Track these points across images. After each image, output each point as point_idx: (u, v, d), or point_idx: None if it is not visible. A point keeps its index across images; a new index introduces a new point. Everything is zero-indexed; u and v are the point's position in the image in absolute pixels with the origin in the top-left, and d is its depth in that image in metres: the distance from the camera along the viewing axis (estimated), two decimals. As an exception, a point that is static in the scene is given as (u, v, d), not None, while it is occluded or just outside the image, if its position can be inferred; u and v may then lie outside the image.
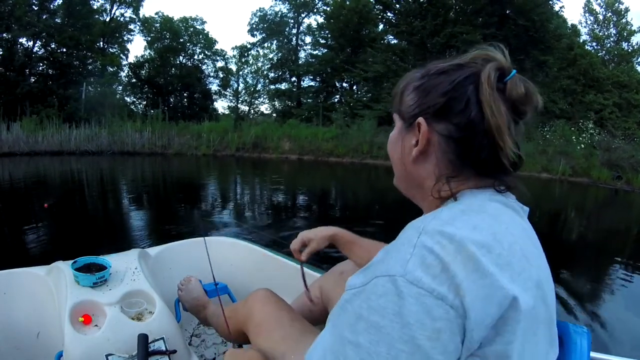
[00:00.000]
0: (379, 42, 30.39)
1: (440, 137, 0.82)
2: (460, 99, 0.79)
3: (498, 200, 0.81)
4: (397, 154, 0.94)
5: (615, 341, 3.51)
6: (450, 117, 0.81)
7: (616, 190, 14.77)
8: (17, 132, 19.66)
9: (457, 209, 0.76)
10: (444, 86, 0.82)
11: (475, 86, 0.79)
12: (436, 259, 0.65)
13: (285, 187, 12.78)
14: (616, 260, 6.11)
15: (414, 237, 0.69)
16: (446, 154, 0.83)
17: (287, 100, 37.46)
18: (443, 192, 0.83)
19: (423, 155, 0.86)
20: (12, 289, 1.82)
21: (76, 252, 1.95)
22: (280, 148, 22.76)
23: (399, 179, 0.97)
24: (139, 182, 13.44)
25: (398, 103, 0.93)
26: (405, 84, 0.92)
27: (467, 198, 0.81)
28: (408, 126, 0.88)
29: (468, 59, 0.85)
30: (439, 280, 0.63)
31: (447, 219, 0.72)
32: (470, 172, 0.83)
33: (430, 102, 0.83)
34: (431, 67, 0.88)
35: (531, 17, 24.72)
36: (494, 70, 0.79)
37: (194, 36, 38.86)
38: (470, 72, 0.81)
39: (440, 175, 0.84)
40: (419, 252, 0.66)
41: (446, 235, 0.67)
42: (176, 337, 1.61)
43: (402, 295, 0.63)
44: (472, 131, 0.79)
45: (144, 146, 22.31)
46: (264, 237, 6.09)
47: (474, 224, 0.71)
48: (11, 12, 27.21)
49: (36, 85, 28.44)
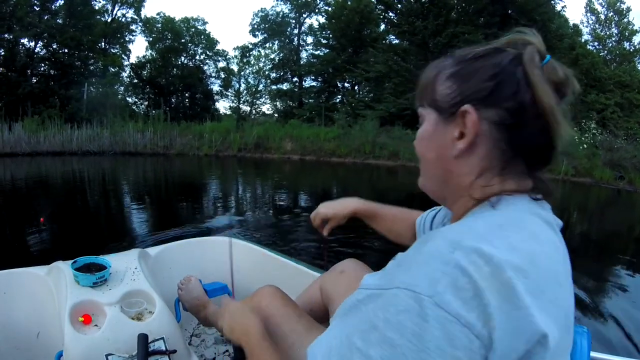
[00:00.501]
0: (380, 42, 30.37)
1: (491, 124, 0.75)
2: (511, 82, 0.74)
3: (537, 214, 0.76)
4: (432, 151, 0.85)
5: (615, 341, 3.51)
6: (500, 102, 0.74)
7: (619, 191, 14.75)
8: (19, 133, 19.69)
9: (495, 223, 0.70)
10: (489, 69, 0.76)
11: (523, 68, 0.74)
12: (469, 282, 0.59)
13: (286, 188, 12.79)
14: (618, 260, 6.10)
15: (447, 252, 0.63)
16: (498, 143, 0.76)
17: (288, 100, 37.50)
18: (488, 189, 0.77)
19: (470, 147, 0.78)
20: (12, 289, 1.82)
21: (76, 252, 1.95)
22: (282, 148, 22.78)
23: (430, 179, 0.89)
24: (140, 182, 13.46)
25: (429, 94, 0.85)
26: (436, 72, 0.85)
27: (505, 207, 0.75)
28: (448, 117, 0.80)
29: (504, 42, 0.80)
30: (469, 306, 0.58)
31: (485, 234, 0.66)
32: (518, 165, 0.77)
33: (475, 88, 0.76)
34: (463, 53, 0.83)
35: (533, 17, 24.67)
36: (535, 52, 0.75)
37: (195, 36, 38.97)
38: (513, 55, 0.76)
39: (488, 169, 0.77)
40: (452, 272, 0.60)
41: (483, 255, 0.61)
42: (176, 337, 1.61)
43: (426, 318, 0.58)
44: (524, 115, 0.74)
45: (146, 146, 22.33)
46: (265, 237, 6.10)
47: (513, 244, 0.65)
48: (13, 13, 27.27)
49: (38, 86, 28.50)
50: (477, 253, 0.61)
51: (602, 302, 4.39)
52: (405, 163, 19.32)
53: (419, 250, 0.67)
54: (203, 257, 2.47)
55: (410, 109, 23.80)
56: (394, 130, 22.05)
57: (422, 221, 1.40)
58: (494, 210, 0.74)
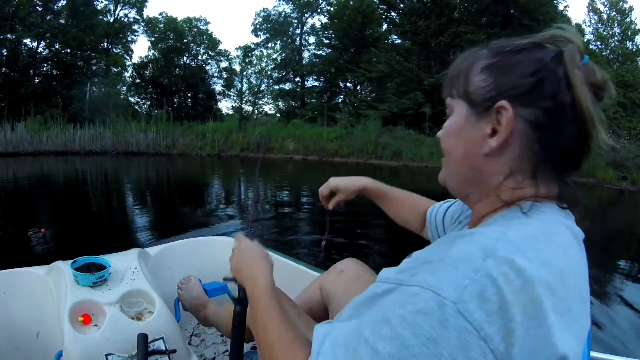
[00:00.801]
0: (383, 42, 30.35)
1: (526, 124, 0.71)
2: (553, 80, 0.70)
3: (567, 225, 0.73)
4: (460, 147, 0.79)
5: (615, 341, 3.50)
6: (538, 101, 0.70)
7: (622, 191, 14.71)
8: (22, 133, 19.75)
9: (530, 233, 0.66)
10: (530, 65, 0.71)
11: (564, 68, 0.71)
12: (498, 294, 0.57)
13: (289, 188, 12.78)
14: (619, 260, 6.08)
15: (478, 258, 0.60)
16: (531, 145, 0.72)
17: (291, 100, 37.49)
18: (518, 192, 0.73)
19: (502, 146, 0.73)
20: (12, 289, 1.82)
21: (76, 252, 1.95)
22: (285, 148, 22.81)
23: (454, 176, 0.84)
24: (142, 182, 13.48)
25: (462, 85, 0.79)
26: (471, 62, 0.79)
27: (537, 215, 0.71)
28: (481, 111, 0.75)
29: (544, 37, 0.75)
30: (492, 319, 0.56)
31: (519, 245, 0.62)
32: (548, 170, 0.73)
33: (513, 83, 0.72)
34: (502, 44, 0.77)
35: (536, 17, 24.66)
36: (577, 52, 0.72)
37: (198, 37, 39.02)
38: (555, 53, 0.72)
39: (518, 171, 0.73)
40: (481, 281, 0.57)
41: (516, 268, 0.59)
42: (176, 337, 1.60)
43: (445, 325, 0.56)
44: (561, 117, 0.70)
45: (149, 146, 22.38)
46: (265, 237, 6.10)
47: (546, 258, 0.63)
48: (15, 13, 27.36)
49: (40, 86, 28.62)
50: (510, 265, 0.59)
51: (603, 302, 4.38)
52: (408, 163, 19.33)
53: (446, 252, 0.64)
54: (203, 257, 2.46)
55: (413, 109, 23.80)
56: (396, 131, 22.08)
57: (435, 212, 1.39)
58: (526, 218, 0.70)
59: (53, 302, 1.74)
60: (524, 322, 0.56)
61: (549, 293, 0.59)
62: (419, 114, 23.50)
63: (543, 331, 0.58)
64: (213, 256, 2.50)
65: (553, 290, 0.60)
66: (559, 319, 0.60)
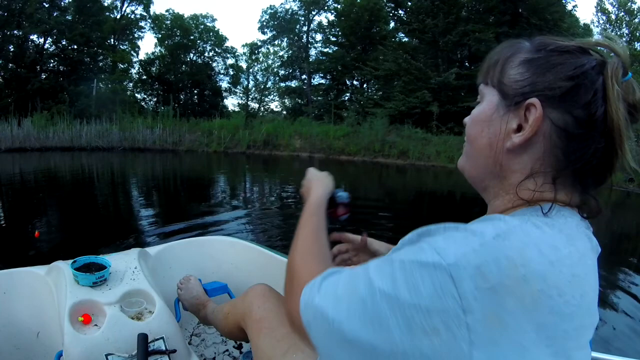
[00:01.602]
0: (389, 40, 30.26)
1: (553, 127, 0.69)
2: (589, 89, 0.68)
3: (587, 235, 0.72)
4: (485, 136, 0.78)
5: (616, 341, 3.49)
6: (571, 107, 0.68)
7: (628, 193, 14.63)
8: (28, 128, 19.85)
9: (548, 230, 0.65)
10: (570, 68, 0.69)
11: (603, 79, 0.68)
12: (495, 273, 0.57)
13: (293, 186, 12.76)
14: (623, 261, 6.06)
15: (489, 235, 0.60)
16: (554, 149, 0.70)
17: (297, 98, 37.47)
18: (539, 194, 0.71)
19: (525, 144, 0.72)
20: (12, 289, 1.82)
21: (76, 251, 1.96)
22: (291, 146, 22.80)
23: (475, 165, 0.82)
24: (147, 179, 13.50)
25: (498, 74, 0.77)
26: (510, 53, 0.77)
27: (558, 218, 0.69)
28: (512, 104, 0.74)
29: (592, 44, 0.73)
30: (480, 295, 0.56)
31: (535, 237, 0.62)
32: (569, 178, 0.72)
33: (550, 83, 0.70)
34: (545, 41, 0.74)
35: (544, 16, 24.54)
36: (620, 66, 0.69)
37: (204, 33, 39.04)
38: (597, 62, 0.70)
39: (538, 172, 0.72)
40: (484, 254, 0.58)
41: (525, 257, 0.58)
42: (176, 337, 1.60)
43: (434, 282, 0.57)
44: (591, 129, 0.68)
45: (155, 143, 22.45)
46: (266, 237, 6.10)
47: (560, 258, 0.62)
48: (22, 9, 27.49)
49: (47, 82, 28.78)
50: (519, 252, 0.59)
51: (605, 302, 4.37)
52: (415, 162, 19.28)
53: (466, 225, 0.64)
54: (203, 256, 2.46)
55: (420, 108, 23.74)
56: (403, 129, 22.00)
57: None
58: (545, 218, 0.68)
59: (53, 301, 1.74)
60: (515, 312, 0.56)
61: (554, 293, 0.59)
62: (426, 112, 23.42)
63: (530, 327, 0.57)
64: (213, 256, 2.50)
65: (560, 291, 0.60)
66: (558, 321, 0.60)
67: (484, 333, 0.56)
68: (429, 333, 0.57)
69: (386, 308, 0.60)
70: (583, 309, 0.63)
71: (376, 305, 0.61)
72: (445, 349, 0.57)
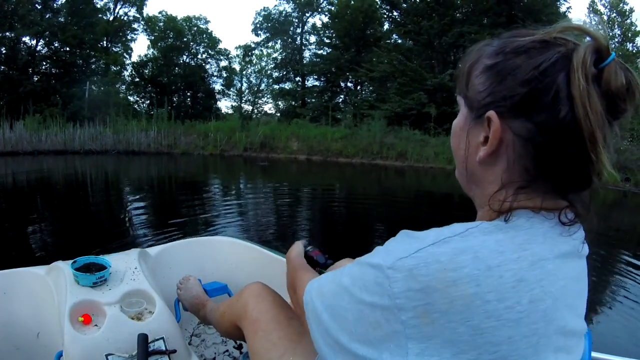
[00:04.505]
0: (384, 42, 30.33)
1: (516, 137, 0.66)
2: (547, 92, 0.62)
3: (558, 238, 0.68)
4: (461, 148, 0.76)
5: (616, 341, 3.50)
6: (531, 114, 0.64)
7: (625, 193, 14.68)
8: (20, 131, 19.63)
9: (494, 236, 0.63)
10: (525, 71, 0.64)
11: (567, 74, 0.62)
12: (425, 276, 0.59)
13: (291, 188, 12.76)
14: (621, 261, 6.08)
15: (427, 241, 0.62)
16: (521, 160, 0.67)
17: (291, 100, 37.46)
18: (506, 204, 0.68)
19: (492, 156, 0.70)
20: (12, 289, 1.81)
21: (76, 251, 1.95)
22: (288, 148, 22.74)
23: (459, 175, 0.81)
24: (143, 182, 13.44)
25: (464, 84, 0.75)
26: (475, 59, 0.73)
27: (519, 223, 0.66)
28: (476, 117, 0.71)
29: (555, 33, 0.65)
30: (411, 295, 0.59)
31: (475, 243, 0.61)
32: (544, 185, 0.68)
33: (506, 92, 0.66)
34: (507, 41, 0.69)
35: (540, 18, 24.65)
36: (590, 52, 0.62)
37: (197, 35, 39.02)
38: (559, 55, 0.63)
39: (508, 183, 0.69)
40: (417, 259, 0.60)
41: (456, 261, 0.59)
42: (176, 337, 1.60)
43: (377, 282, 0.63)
44: (557, 135, 0.63)
45: (150, 145, 22.27)
46: (265, 237, 6.10)
47: (500, 263, 0.60)
48: (14, 11, 27.37)
49: (39, 84, 28.62)
50: (450, 256, 0.59)
51: (604, 302, 4.38)
52: (413, 164, 19.30)
53: (418, 232, 0.67)
54: (203, 257, 2.46)
55: (416, 109, 23.80)
56: (401, 131, 22.02)
57: None
58: (502, 224, 0.66)
59: (53, 302, 1.74)
60: (447, 313, 0.58)
61: (491, 297, 0.58)
62: (422, 114, 23.47)
63: (464, 329, 0.58)
64: (213, 256, 2.50)
65: (500, 296, 0.58)
66: (499, 325, 0.58)
67: (417, 328, 0.59)
68: (374, 326, 0.63)
69: (345, 302, 0.69)
70: (535, 315, 0.60)
71: (339, 300, 0.71)
72: (387, 340, 0.62)
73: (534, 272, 0.61)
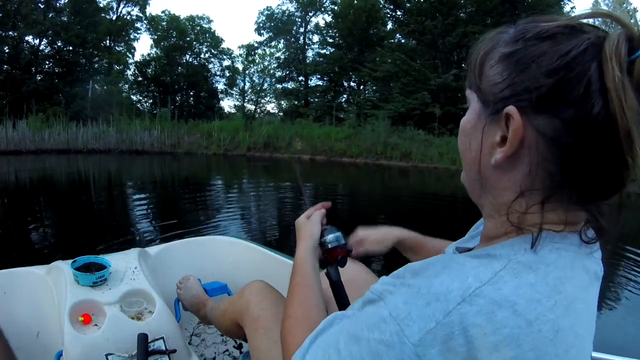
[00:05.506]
0: (387, 42, 30.28)
1: (540, 136, 0.57)
2: (578, 83, 0.53)
3: (584, 267, 0.61)
4: (472, 149, 0.67)
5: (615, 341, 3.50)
6: (558, 109, 0.55)
7: (629, 194, 14.67)
8: (23, 130, 19.66)
9: (528, 280, 0.55)
10: (552, 59, 0.55)
11: (599, 64, 0.53)
12: (465, 346, 0.51)
13: (293, 187, 12.73)
14: (621, 262, 6.07)
15: (453, 300, 0.53)
16: (544, 163, 0.58)
17: (294, 99, 37.44)
18: (528, 217, 0.60)
19: (511, 159, 0.60)
20: (12, 289, 1.81)
21: (76, 251, 1.95)
22: (292, 148, 22.67)
23: (467, 179, 0.71)
24: (145, 181, 13.42)
25: (476, 76, 0.65)
26: (489, 47, 0.64)
27: (547, 254, 0.59)
28: (492, 114, 0.62)
29: (585, 16, 0.59)
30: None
31: (509, 292, 0.54)
32: (568, 193, 0.59)
33: (529, 83, 0.56)
34: (527, 27, 0.61)
35: (543, 17, 24.64)
36: (624, 41, 0.54)
37: (200, 35, 39.02)
38: (589, 42, 0.55)
39: (527, 191, 0.60)
40: (449, 326, 0.52)
41: (495, 321, 0.52)
42: (176, 337, 1.60)
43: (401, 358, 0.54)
44: (589, 134, 0.54)
45: (153, 145, 22.25)
46: (265, 237, 6.09)
47: (539, 314, 0.54)
48: (17, 10, 27.43)
49: (42, 83, 28.68)
50: (489, 317, 0.52)
51: (603, 302, 4.37)
52: (417, 164, 19.25)
53: (429, 279, 0.58)
54: (203, 256, 2.46)
55: (420, 109, 23.75)
56: (405, 131, 21.97)
57: None
58: (531, 256, 0.58)
59: (53, 301, 1.74)
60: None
61: (531, 356, 0.52)
62: (426, 114, 23.43)
63: None
64: (213, 256, 2.49)
65: (539, 353, 0.53)
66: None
67: None
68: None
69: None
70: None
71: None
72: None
73: (569, 319, 0.56)
